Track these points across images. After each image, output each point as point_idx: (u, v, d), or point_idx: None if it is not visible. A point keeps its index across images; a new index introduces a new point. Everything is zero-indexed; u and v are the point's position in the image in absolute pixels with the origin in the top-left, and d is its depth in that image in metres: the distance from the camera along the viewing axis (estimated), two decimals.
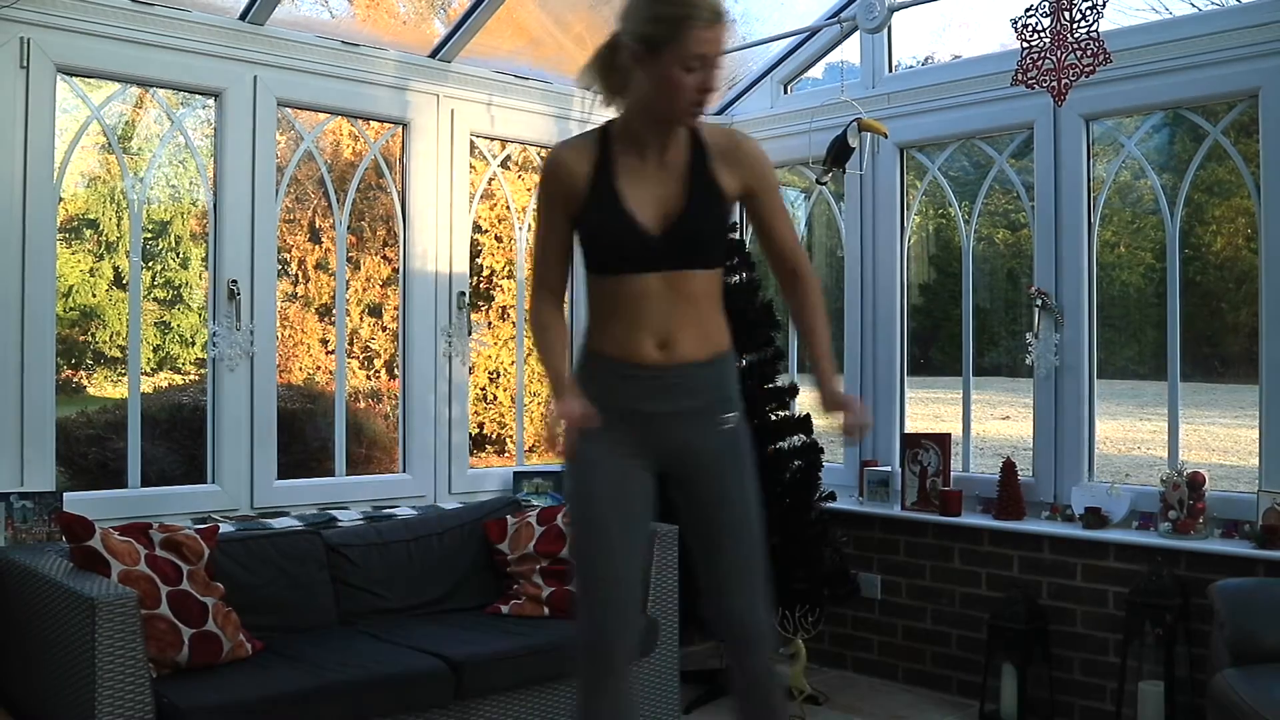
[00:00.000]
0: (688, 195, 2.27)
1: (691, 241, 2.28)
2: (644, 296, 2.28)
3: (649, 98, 2.21)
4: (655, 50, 2.15)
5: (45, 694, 3.05)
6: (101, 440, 6.29)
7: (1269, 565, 3.63)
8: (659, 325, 2.29)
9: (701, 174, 2.29)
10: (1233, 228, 5.68)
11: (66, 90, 3.73)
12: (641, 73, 2.19)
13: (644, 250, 2.26)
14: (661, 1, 2.15)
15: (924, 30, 5.26)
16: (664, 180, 2.28)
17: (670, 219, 2.26)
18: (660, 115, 2.24)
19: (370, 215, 8.68)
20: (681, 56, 2.14)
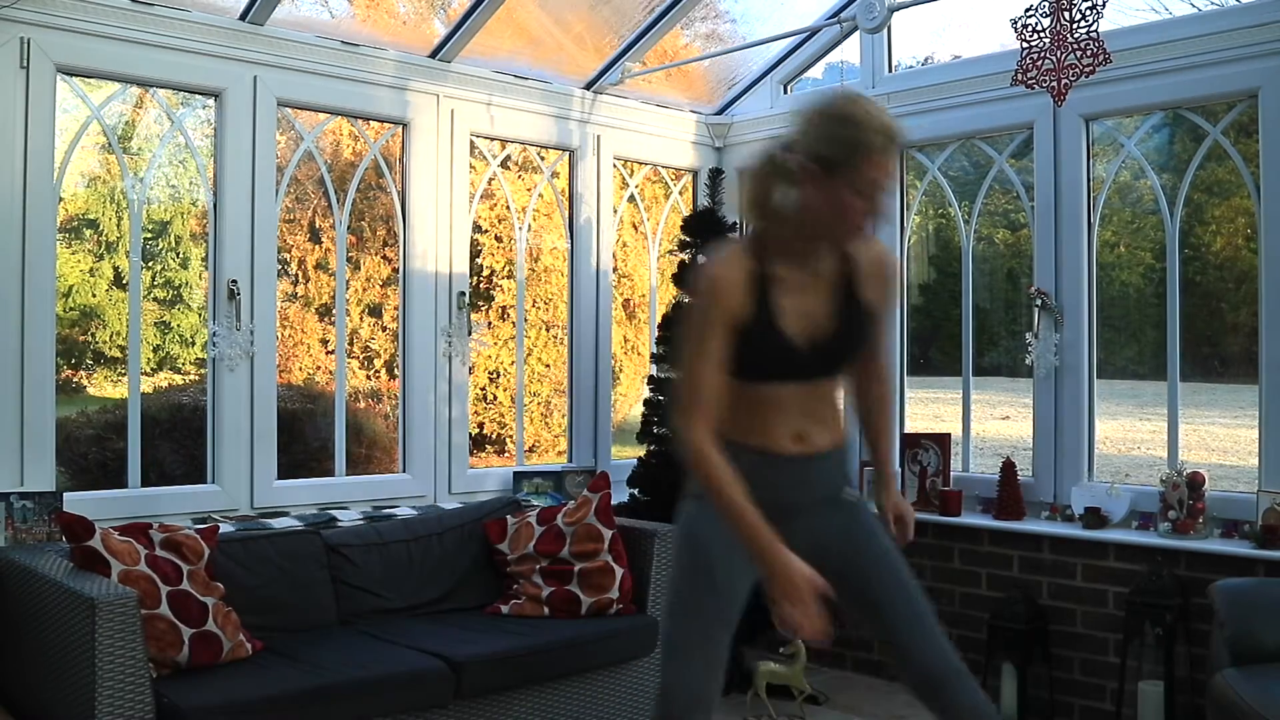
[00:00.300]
0: (837, 313, 2.29)
1: (837, 359, 2.34)
2: (783, 400, 2.30)
3: (814, 216, 2.19)
4: (829, 171, 2.13)
5: (45, 694, 3.05)
6: (101, 440, 6.30)
7: (1269, 565, 3.63)
8: (795, 424, 2.32)
9: (850, 291, 2.31)
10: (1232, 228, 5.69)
11: (66, 90, 3.73)
12: (810, 191, 2.17)
13: (792, 365, 2.28)
14: (842, 123, 2.13)
15: (924, 30, 5.26)
16: (814, 293, 2.29)
17: (819, 336, 2.27)
18: (822, 234, 2.23)
19: (370, 215, 8.69)
20: (855, 181, 2.13)
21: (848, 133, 2.12)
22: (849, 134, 2.12)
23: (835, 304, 2.30)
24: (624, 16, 4.72)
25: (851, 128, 2.12)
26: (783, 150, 2.22)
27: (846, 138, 2.12)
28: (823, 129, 2.15)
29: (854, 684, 4.66)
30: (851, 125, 2.12)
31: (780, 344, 2.25)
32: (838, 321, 2.30)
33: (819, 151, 2.14)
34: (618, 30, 4.77)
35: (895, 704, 4.41)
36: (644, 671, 3.91)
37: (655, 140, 5.28)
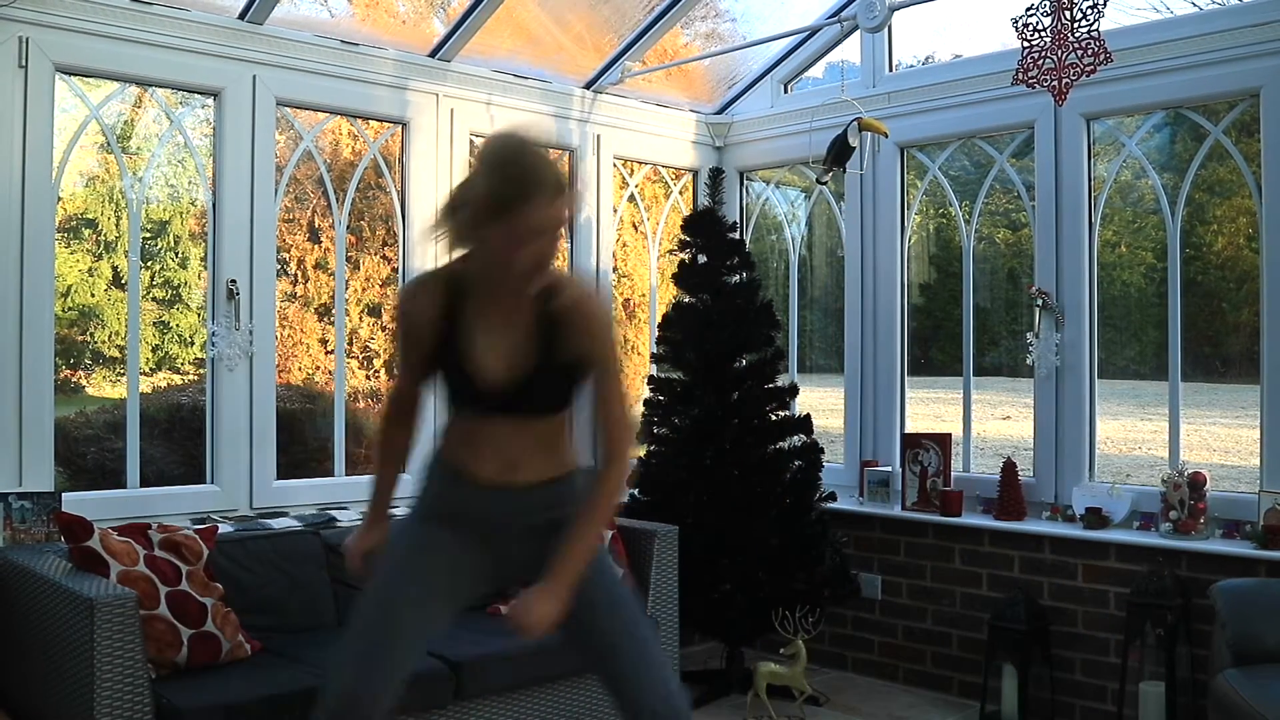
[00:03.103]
0: (534, 352, 2.24)
1: (535, 397, 2.27)
2: (490, 433, 2.28)
3: (490, 255, 2.17)
4: (496, 214, 2.09)
5: (44, 695, 3.04)
6: (100, 440, 6.28)
7: (1270, 565, 3.63)
8: (505, 456, 2.29)
9: (549, 331, 2.25)
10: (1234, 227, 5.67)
11: (65, 90, 3.72)
12: (484, 230, 2.13)
13: (489, 400, 2.25)
14: (506, 165, 2.11)
15: (924, 30, 5.25)
16: (513, 329, 2.25)
17: (515, 372, 2.24)
18: (498, 273, 2.20)
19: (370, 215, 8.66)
20: (520, 225, 2.09)
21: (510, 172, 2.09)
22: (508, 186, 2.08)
23: (535, 347, 2.24)
24: (624, 16, 4.72)
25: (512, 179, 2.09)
26: (461, 192, 2.19)
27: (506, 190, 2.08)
28: (489, 170, 2.12)
29: (854, 684, 4.65)
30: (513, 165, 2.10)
31: (468, 378, 2.24)
32: (536, 364, 2.23)
33: (487, 191, 2.10)
34: (618, 29, 4.76)
35: (895, 704, 4.40)
36: None
37: (655, 140, 5.27)
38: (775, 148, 5.29)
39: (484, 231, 2.13)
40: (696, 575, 4.33)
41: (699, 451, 4.46)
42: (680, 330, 4.61)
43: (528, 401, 2.27)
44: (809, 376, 5.63)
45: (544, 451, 2.33)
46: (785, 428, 4.52)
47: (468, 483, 2.32)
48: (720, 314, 4.54)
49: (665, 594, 3.99)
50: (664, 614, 3.97)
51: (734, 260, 4.63)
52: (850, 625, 4.82)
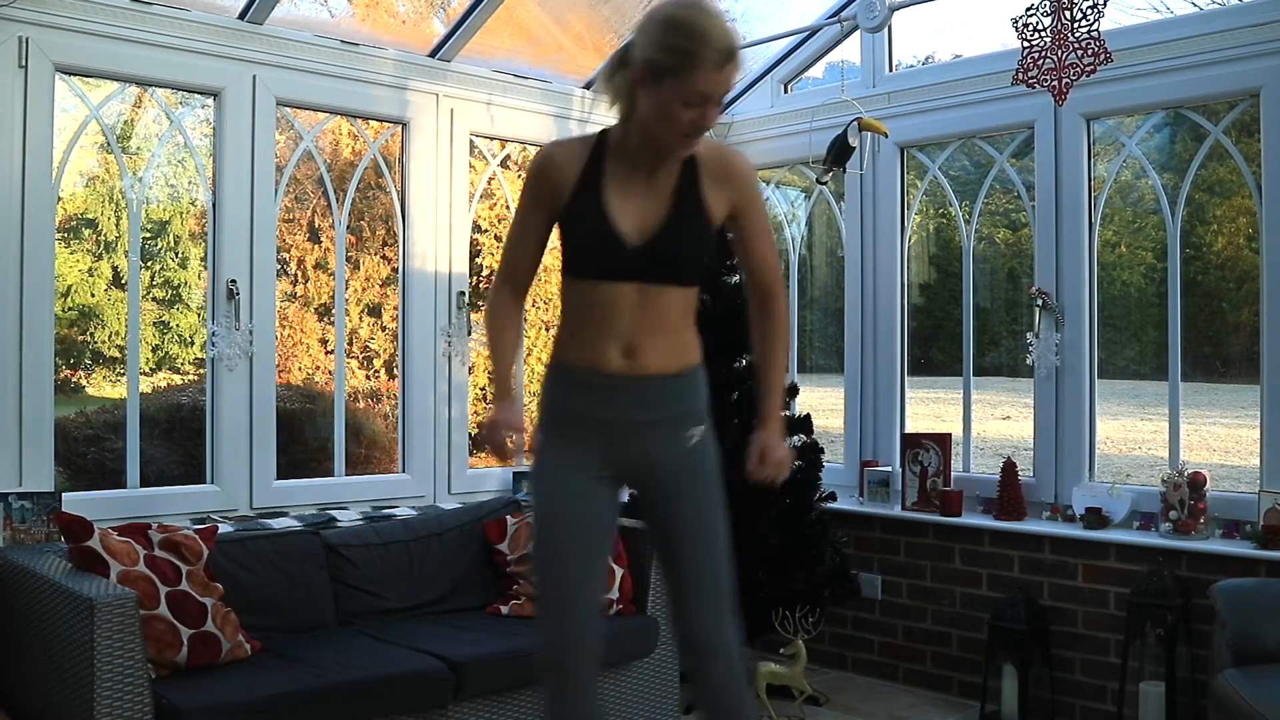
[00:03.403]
0: (672, 211, 2.25)
1: (669, 257, 2.25)
2: (616, 305, 2.25)
3: (644, 119, 2.19)
4: (658, 78, 2.11)
5: (44, 695, 3.04)
6: (100, 440, 6.28)
7: (1270, 565, 3.63)
8: (628, 335, 2.26)
9: (689, 192, 2.27)
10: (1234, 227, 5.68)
11: (65, 89, 3.72)
12: (641, 95, 2.16)
13: (620, 260, 2.23)
14: (675, 32, 2.10)
15: (924, 29, 5.25)
16: (651, 195, 2.26)
17: (650, 232, 2.23)
18: (651, 138, 2.22)
19: (370, 215, 8.67)
20: (683, 91, 2.11)
21: (680, 41, 2.09)
22: (680, 43, 2.09)
23: (672, 206, 2.25)
24: (624, 15, 4.71)
25: (683, 37, 2.09)
26: (624, 50, 2.21)
27: (678, 47, 2.09)
28: (657, 34, 2.13)
29: (854, 684, 4.65)
30: (683, 34, 2.10)
31: (604, 232, 2.22)
32: (671, 221, 2.24)
33: (650, 57, 2.12)
34: (618, 29, 4.76)
35: (895, 704, 4.40)
36: (644, 671, 3.91)
37: None
38: (775, 148, 5.29)
39: (646, 94, 2.14)
40: None
41: None
42: None
43: (663, 262, 2.24)
44: (809, 376, 5.63)
45: (670, 334, 2.31)
46: (785, 428, 4.52)
47: (590, 379, 2.28)
48: (720, 314, 4.54)
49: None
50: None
51: (734, 260, 4.62)
52: (850, 625, 4.82)
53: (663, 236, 2.23)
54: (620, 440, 2.31)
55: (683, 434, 2.33)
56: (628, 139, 2.26)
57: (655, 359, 2.28)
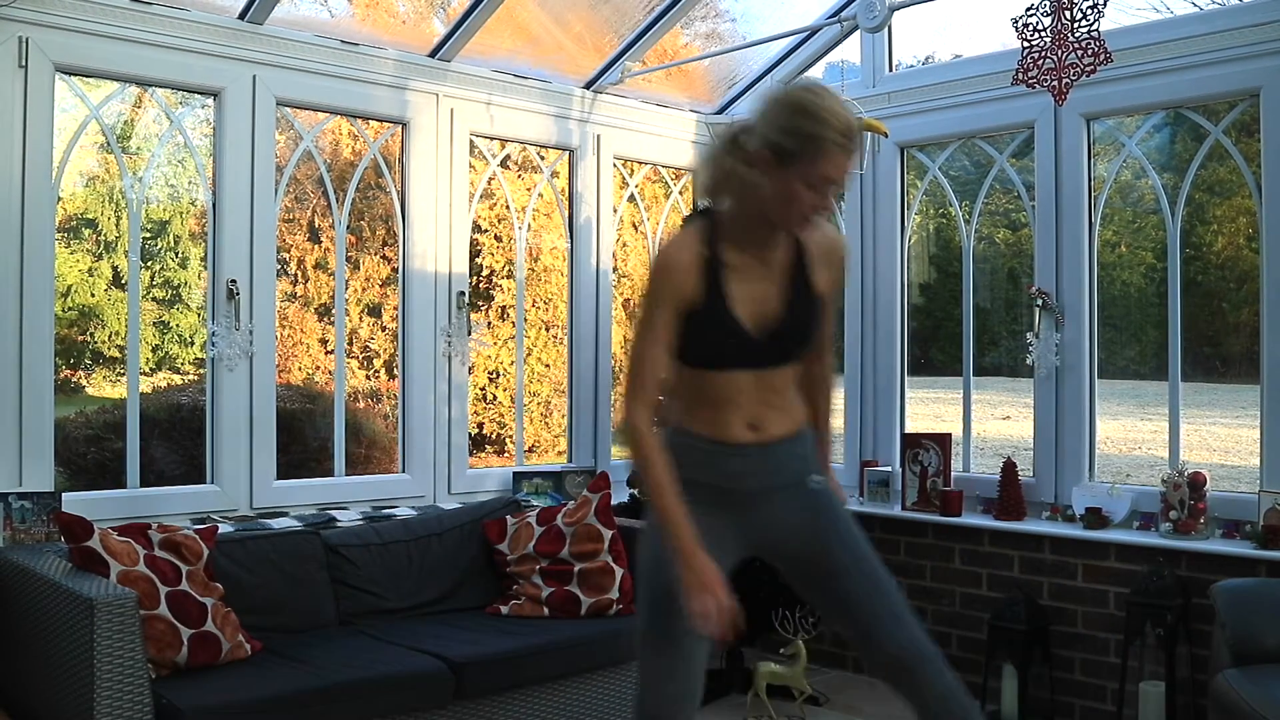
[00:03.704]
0: (788, 299, 2.27)
1: (787, 346, 2.30)
2: (734, 387, 2.27)
3: (765, 203, 2.18)
4: (782, 162, 2.11)
5: (44, 695, 3.04)
6: (100, 440, 6.28)
7: (1270, 565, 3.63)
8: (749, 412, 2.28)
9: (801, 275, 2.29)
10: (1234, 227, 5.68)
11: (65, 89, 3.72)
12: (762, 178, 2.15)
13: (743, 352, 2.25)
14: (800, 115, 2.10)
15: (924, 30, 5.25)
16: (767, 278, 2.26)
17: (770, 322, 2.25)
18: (771, 220, 2.21)
19: (370, 215, 8.67)
20: (807, 175, 2.10)
21: (807, 125, 2.09)
22: (808, 127, 2.09)
23: (787, 290, 2.27)
24: (624, 16, 4.71)
25: (811, 120, 2.09)
26: (741, 133, 2.20)
27: (805, 131, 2.09)
28: (782, 118, 2.12)
29: (854, 684, 4.65)
30: (810, 118, 2.09)
31: (731, 329, 2.22)
32: (789, 308, 2.26)
33: (776, 141, 2.11)
34: (618, 29, 4.76)
35: (895, 704, 4.38)
36: None
37: (655, 140, 5.27)
38: None
39: (768, 177, 2.13)
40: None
41: None
42: None
43: (784, 346, 2.28)
44: None
45: (782, 404, 2.33)
46: None
47: (719, 451, 2.29)
48: None
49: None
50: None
51: None
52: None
53: (782, 327, 2.26)
54: (753, 507, 2.32)
55: (807, 485, 2.36)
56: (740, 221, 2.24)
57: (777, 426, 2.31)
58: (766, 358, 2.27)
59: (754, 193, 2.18)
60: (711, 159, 2.26)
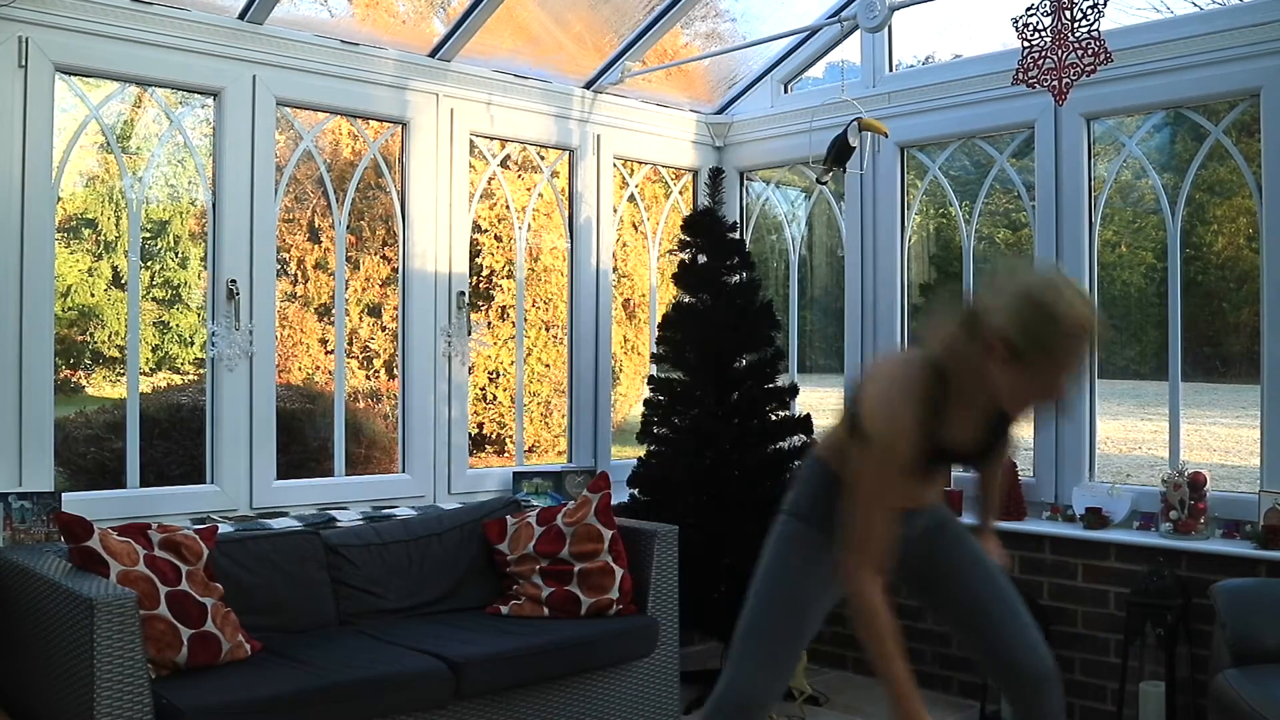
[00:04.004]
0: (990, 426, 2.32)
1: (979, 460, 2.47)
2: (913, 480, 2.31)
3: (993, 387, 2.15)
4: (1017, 359, 2.06)
5: (44, 695, 3.04)
6: (100, 440, 6.29)
7: (1270, 565, 3.63)
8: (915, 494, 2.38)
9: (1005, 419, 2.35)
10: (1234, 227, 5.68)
11: (65, 89, 3.72)
12: (991, 363, 2.11)
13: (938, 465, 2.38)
14: (1045, 319, 2.03)
15: (924, 30, 5.25)
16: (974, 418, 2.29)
17: (969, 445, 2.32)
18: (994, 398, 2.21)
19: (370, 215, 8.68)
20: (1041, 375, 2.08)
21: (1046, 330, 2.03)
22: (1046, 331, 2.03)
23: (990, 419, 2.30)
24: (624, 15, 4.72)
25: (1049, 324, 2.03)
26: (980, 313, 2.12)
27: (1043, 336, 2.03)
28: (1022, 315, 2.04)
29: (854, 684, 4.65)
30: (1050, 322, 2.03)
31: (936, 454, 2.28)
32: (990, 433, 2.33)
33: (1013, 339, 2.05)
34: (618, 29, 4.77)
35: None
36: (644, 671, 3.91)
37: (655, 140, 5.27)
38: (775, 148, 5.29)
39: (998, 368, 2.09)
40: (696, 575, 4.33)
41: (699, 451, 4.46)
42: (680, 330, 4.61)
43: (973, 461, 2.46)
44: (809, 376, 5.63)
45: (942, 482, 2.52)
46: (785, 428, 4.52)
47: None
48: (720, 314, 4.54)
49: (665, 594, 3.99)
50: (664, 614, 3.97)
51: (734, 260, 4.63)
52: (850, 625, 4.80)
53: (979, 449, 2.36)
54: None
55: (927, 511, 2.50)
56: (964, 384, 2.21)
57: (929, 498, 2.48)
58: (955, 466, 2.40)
59: (984, 376, 2.15)
60: (946, 334, 2.20)
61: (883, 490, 2.18)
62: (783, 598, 2.52)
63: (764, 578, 2.56)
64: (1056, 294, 2.06)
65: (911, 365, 2.26)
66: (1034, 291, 2.07)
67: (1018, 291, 2.08)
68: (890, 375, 2.29)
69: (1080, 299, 2.08)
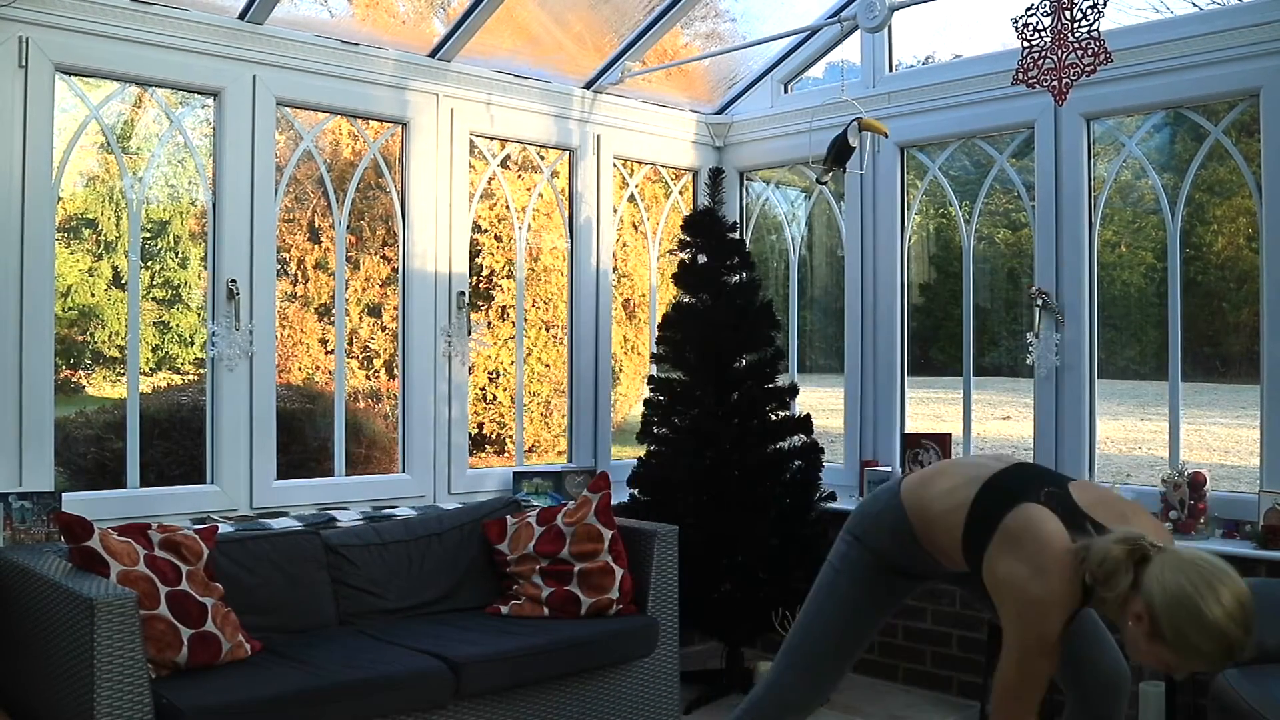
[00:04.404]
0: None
1: None
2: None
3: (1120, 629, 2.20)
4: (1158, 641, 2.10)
5: (44, 695, 3.04)
6: (100, 440, 6.28)
7: (1270, 566, 3.63)
8: None
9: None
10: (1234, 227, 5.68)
11: (65, 89, 3.72)
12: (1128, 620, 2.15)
13: None
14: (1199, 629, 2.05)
15: (924, 30, 5.25)
16: None
17: None
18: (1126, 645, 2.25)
19: (370, 215, 8.67)
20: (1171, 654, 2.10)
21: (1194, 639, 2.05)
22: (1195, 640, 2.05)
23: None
24: (624, 16, 4.72)
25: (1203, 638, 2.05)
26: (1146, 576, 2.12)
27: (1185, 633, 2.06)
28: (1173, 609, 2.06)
29: (854, 684, 4.65)
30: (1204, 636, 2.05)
31: None
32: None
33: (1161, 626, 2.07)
34: (618, 29, 4.77)
35: (895, 704, 4.40)
36: (644, 671, 3.91)
37: (655, 140, 5.27)
38: (775, 148, 5.29)
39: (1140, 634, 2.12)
40: (696, 575, 4.33)
41: (699, 451, 4.46)
42: (680, 330, 4.61)
43: None
44: (809, 376, 5.64)
45: None
46: (785, 428, 4.52)
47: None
48: (720, 314, 4.55)
49: (665, 594, 3.99)
50: (664, 614, 3.97)
51: (734, 260, 4.63)
52: None
53: None
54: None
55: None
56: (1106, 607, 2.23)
57: None
58: None
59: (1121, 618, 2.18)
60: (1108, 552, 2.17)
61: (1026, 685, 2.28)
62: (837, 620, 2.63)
63: (820, 595, 2.67)
64: (1216, 602, 2.05)
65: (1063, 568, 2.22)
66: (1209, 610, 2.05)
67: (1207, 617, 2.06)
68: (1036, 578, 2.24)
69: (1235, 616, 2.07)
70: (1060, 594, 2.21)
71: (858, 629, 2.66)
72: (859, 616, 2.65)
